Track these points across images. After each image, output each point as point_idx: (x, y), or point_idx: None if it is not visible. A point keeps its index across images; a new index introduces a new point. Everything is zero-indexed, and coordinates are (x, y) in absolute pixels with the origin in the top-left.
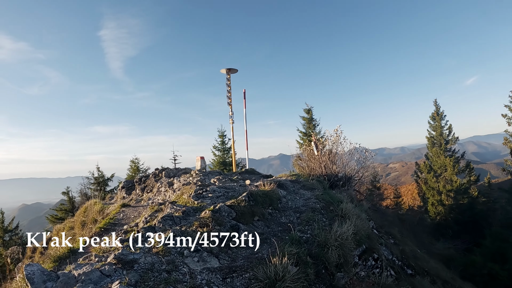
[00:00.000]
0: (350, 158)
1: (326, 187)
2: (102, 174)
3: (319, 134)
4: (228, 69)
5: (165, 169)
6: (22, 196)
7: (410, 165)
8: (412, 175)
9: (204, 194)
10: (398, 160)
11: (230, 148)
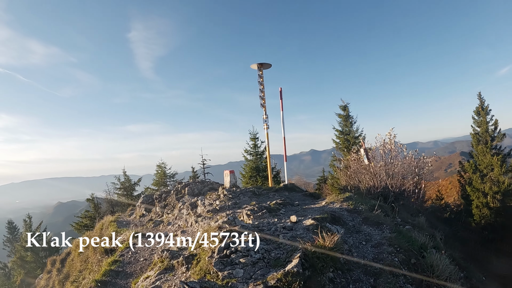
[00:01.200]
0: (408, 168)
1: (397, 221)
2: (129, 178)
3: (356, 132)
4: (259, 64)
5: (188, 184)
6: (58, 195)
7: (443, 160)
8: (445, 170)
9: (233, 258)
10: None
11: (263, 152)
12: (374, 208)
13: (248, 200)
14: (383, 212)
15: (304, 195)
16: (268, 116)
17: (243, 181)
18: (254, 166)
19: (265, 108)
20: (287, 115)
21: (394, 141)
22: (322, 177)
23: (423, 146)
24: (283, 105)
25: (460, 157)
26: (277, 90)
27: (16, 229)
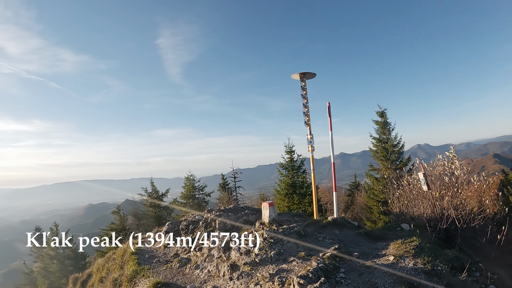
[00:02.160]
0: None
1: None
2: (156, 189)
3: (395, 140)
4: (302, 73)
5: (219, 214)
6: (89, 197)
7: (476, 163)
8: (478, 174)
9: None
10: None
11: (299, 167)
12: (451, 261)
13: (293, 246)
14: (462, 266)
15: (357, 234)
16: (313, 137)
17: (277, 197)
18: (290, 183)
19: (309, 127)
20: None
21: (459, 164)
22: (354, 183)
23: (455, 148)
24: (331, 124)
25: (493, 159)
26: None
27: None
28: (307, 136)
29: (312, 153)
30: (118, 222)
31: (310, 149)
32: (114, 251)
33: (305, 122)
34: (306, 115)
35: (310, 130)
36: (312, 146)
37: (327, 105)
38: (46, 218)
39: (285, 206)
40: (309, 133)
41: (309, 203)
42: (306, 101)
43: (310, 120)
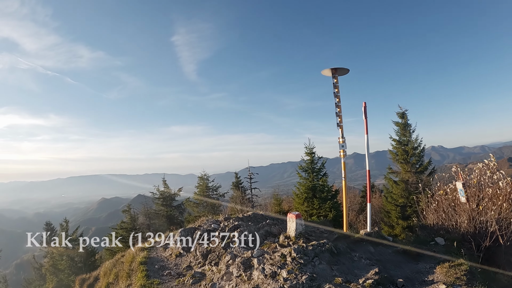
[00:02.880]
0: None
1: None
2: (168, 188)
3: (415, 143)
4: (333, 69)
5: (237, 225)
6: (102, 191)
7: None
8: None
9: None
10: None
11: (320, 170)
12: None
13: (327, 269)
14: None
15: (394, 253)
16: (345, 140)
17: (296, 201)
18: (310, 186)
19: (342, 129)
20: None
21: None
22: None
23: (469, 151)
24: (367, 126)
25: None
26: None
27: (54, 230)
28: (338, 140)
29: (344, 158)
30: (128, 220)
31: (342, 154)
32: (123, 253)
33: (337, 124)
34: (338, 116)
35: (342, 133)
36: (345, 151)
37: (363, 105)
38: (60, 211)
39: (303, 211)
40: (341, 136)
41: (329, 208)
42: (338, 100)
43: (343, 122)
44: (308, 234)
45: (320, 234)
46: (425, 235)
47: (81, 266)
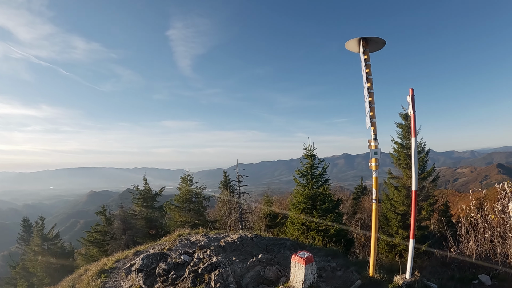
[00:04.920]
0: None
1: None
2: (149, 188)
3: (419, 146)
4: (363, 40)
5: (219, 249)
6: (92, 184)
7: (480, 171)
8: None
9: None
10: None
11: (320, 176)
12: None
13: None
14: None
15: None
16: (379, 144)
17: (291, 211)
18: (310, 195)
19: (374, 129)
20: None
21: None
22: (360, 186)
23: (459, 155)
24: (415, 122)
25: (496, 169)
26: None
27: (32, 227)
28: (369, 144)
29: (376, 172)
30: (104, 223)
31: (374, 164)
32: (86, 267)
33: (370, 120)
34: (370, 108)
35: (375, 134)
36: (377, 161)
37: (409, 93)
38: (49, 203)
39: (301, 224)
40: (373, 139)
41: (332, 221)
42: (370, 85)
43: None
44: (318, 275)
45: (332, 274)
46: (464, 270)
47: (57, 267)
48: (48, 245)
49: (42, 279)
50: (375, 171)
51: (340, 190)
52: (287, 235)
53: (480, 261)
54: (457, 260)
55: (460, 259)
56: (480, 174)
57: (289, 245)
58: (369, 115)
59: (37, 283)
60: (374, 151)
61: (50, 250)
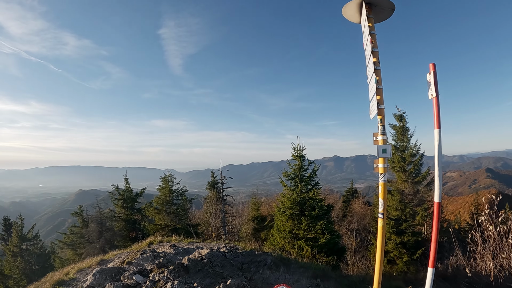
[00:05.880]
0: None
1: None
2: (130, 188)
3: (414, 149)
4: (367, 4)
5: (177, 272)
6: (80, 182)
7: (468, 175)
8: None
9: None
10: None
11: (310, 179)
12: None
13: None
14: None
15: None
16: (387, 140)
17: (277, 217)
18: (298, 200)
19: (382, 118)
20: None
21: None
22: (350, 189)
23: (448, 160)
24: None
25: (485, 174)
26: None
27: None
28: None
29: (385, 176)
30: (80, 224)
31: (382, 166)
32: (51, 274)
33: (377, 106)
34: (377, 91)
35: (383, 126)
36: (386, 161)
37: (430, 69)
38: (37, 201)
39: (287, 232)
40: (380, 131)
41: (321, 230)
42: (376, 60)
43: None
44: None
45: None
46: None
47: (36, 268)
48: (27, 245)
49: (19, 281)
50: (382, 175)
51: (329, 193)
52: (272, 243)
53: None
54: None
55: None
56: (468, 178)
57: (270, 262)
58: (375, 100)
59: (14, 285)
60: (382, 147)
61: (28, 251)
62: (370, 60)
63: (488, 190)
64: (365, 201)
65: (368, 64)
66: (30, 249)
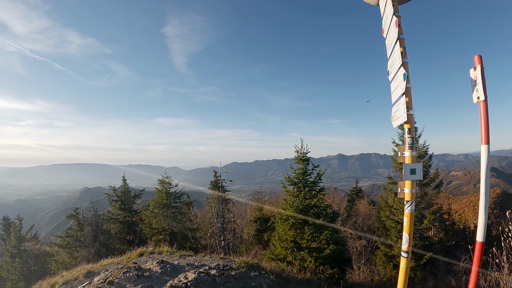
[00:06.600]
0: None
1: None
2: (128, 190)
3: (422, 149)
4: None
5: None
6: (85, 180)
7: (473, 174)
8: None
9: None
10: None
11: (314, 184)
12: None
13: None
14: None
15: None
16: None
17: (278, 225)
18: (301, 207)
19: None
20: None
21: None
22: (355, 188)
23: (453, 158)
24: (488, 121)
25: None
26: None
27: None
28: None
29: (412, 204)
30: (76, 227)
31: (408, 191)
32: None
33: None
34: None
35: (412, 138)
36: (414, 185)
37: (475, 63)
38: (41, 198)
39: (290, 241)
40: (408, 145)
41: (326, 240)
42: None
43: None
44: None
45: None
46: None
47: (35, 269)
48: (25, 246)
49: (16, 283)
50: (409, 203)
51: (333, 192)
52: (274, 252)
53: None
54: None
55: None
56: (473, 177)
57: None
58: (402, 103)
59: (11, 287)
60: (410, 167)
61: (27, 252)
62: (395, 50)
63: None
64: (369, 200)
65: (391, 55)
66: (28, 250)
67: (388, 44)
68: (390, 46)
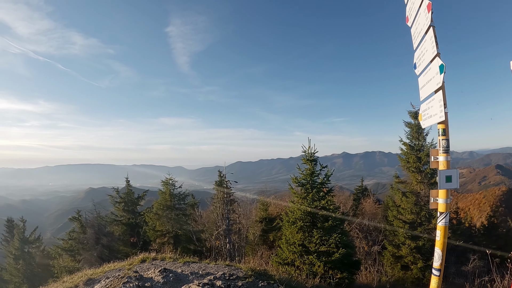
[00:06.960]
0: None
1: None
2: (132, 191)
3: (430, 148)
4: None
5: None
6: (90, 180)
7: (478, 172)
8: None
9: None
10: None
11: (322, 185)
12: None
13: None
14: None
15: None
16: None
17: (285, 229)
18: (309, 210)
19: (445, 128)
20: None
21: None
22: (361, 186)
23: (458, 156)
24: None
25: (495, 170)
26: None
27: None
28: (433, 159)
29: (447, 216)
30: (79, 230)
31: (443, 202)
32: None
33: (443, 110)
34: (440, 86)
35: (447, 140)
36: (449, 195)
37: None
38: (46, 199)
39: (297, 245)
40: (442, 148)
41: (335, 243)
42: (435, 39)
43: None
44: None
45: None
46: None
47: (38, 271)
48: (29, 248)
49: (19, 285)
50: (443, 215)
51: (338, 190)
52: (281, 256)
53: None
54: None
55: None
56: (478, 175)
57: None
58: (438, 99)
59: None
60: (446, 174)
61: (30, 254)
62: (427, 39)
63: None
64: (375, 199)
65: (420, 45)
66: (32, 252)
67: (416, 33)
68: (419, 35)
